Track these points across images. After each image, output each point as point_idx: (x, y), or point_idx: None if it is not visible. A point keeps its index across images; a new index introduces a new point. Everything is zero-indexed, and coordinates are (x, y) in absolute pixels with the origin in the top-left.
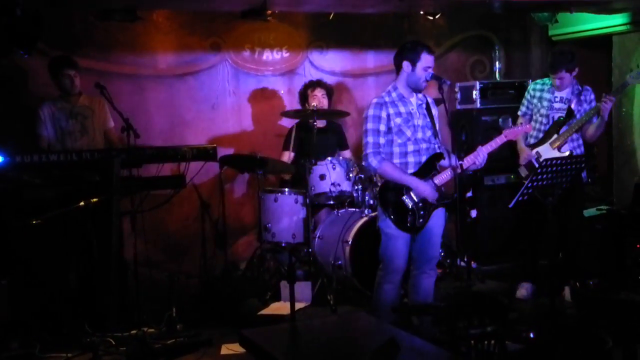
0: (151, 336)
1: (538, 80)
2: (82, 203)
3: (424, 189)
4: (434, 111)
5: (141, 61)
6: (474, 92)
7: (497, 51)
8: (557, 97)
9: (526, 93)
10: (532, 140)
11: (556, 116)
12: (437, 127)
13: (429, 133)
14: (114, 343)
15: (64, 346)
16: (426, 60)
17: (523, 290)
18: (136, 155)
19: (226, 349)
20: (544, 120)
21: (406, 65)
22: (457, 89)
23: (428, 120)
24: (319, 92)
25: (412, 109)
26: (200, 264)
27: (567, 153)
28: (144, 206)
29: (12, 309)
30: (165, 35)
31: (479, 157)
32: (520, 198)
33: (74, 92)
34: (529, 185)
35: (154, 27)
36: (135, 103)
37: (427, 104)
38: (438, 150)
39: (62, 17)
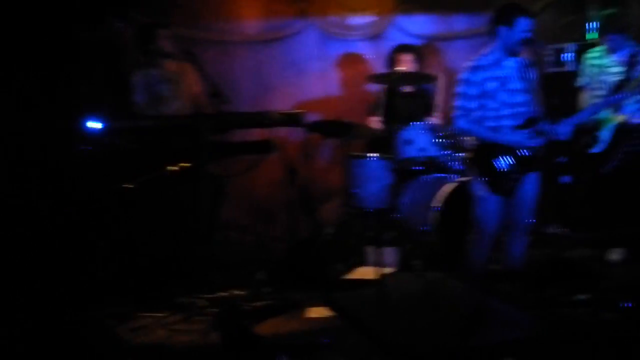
0: (239, 298)
1: (592, 49)
2: (173, 167)
3: (518, 139)
4: (531, 74)
5: (228, 28)
6: (568, 55)
7: (592, 11)
8: (612, 61)
9: (582, 64)
10: None
11: (613, 81)
12: (533, 91)
13: (524, 97)
14: (204, 304)
15: (157, 306)
16: (523, 24)
17: (614, 255)
18: (224, 120)
19: (312, 312)
20: (603, 86)
21: (503, 30)
22: (550, 51)
23: (524, 83)
24: (408, 57)
25: (509, 73)
26: (287, 228)
27: (621, 117)
28: (232, 171)
29: (108, 269)
30: (252, 1)
31: (565, 127)
32: (615, 163)
33: (168, 54)
34: (625, 150)
35: None
36: (223, 69)
37: (524, 67)
38: (533, 115)
39: None
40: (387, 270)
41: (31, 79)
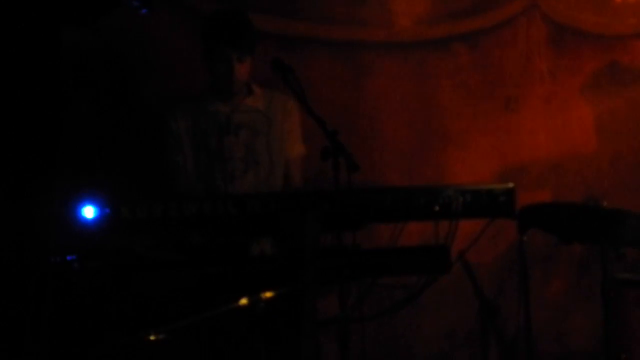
0: None
1: None
2: (243, 301)
3: None
4: None
5: (362, 17)
6: None
7: None
8: None
9: None
10: None
11: None
12: None
13: None
14: None
15: None
16: None
17: None
18: (352, 205)
19: None
20: None
21: None
22: None
23: None
24: None
25: None
26: None
27: None
28: (366, 309)
29: None
30: None
31: None
32: None
33: (237, 88)
34: None
35: None
36: (350, 100)
37: None
38: None
39: None
40: None
41: None
